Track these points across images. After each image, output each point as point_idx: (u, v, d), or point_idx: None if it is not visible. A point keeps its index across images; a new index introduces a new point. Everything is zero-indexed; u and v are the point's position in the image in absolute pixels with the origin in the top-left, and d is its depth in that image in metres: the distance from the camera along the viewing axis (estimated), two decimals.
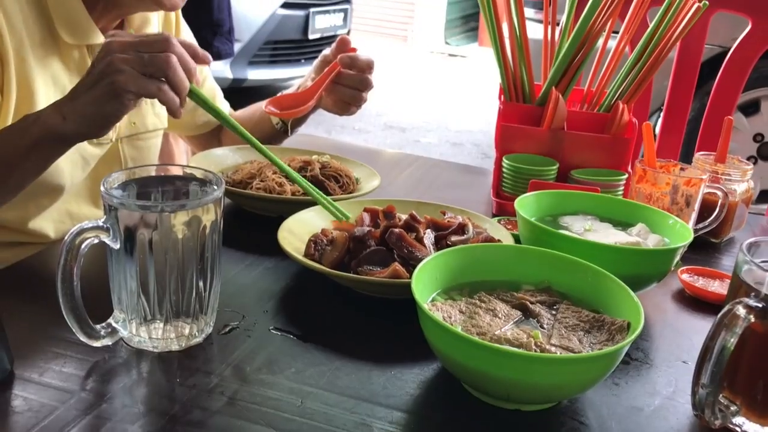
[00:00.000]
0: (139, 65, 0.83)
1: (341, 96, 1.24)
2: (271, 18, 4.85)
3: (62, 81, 1.07)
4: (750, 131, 3.31)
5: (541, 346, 0.68)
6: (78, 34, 1.06)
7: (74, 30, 1.05)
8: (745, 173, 1.19)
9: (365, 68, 1.22)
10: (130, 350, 0.75)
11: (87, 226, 0.69)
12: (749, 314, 0.63)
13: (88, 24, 1.06)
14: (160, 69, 0.84)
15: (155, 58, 0.83)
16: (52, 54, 1.05)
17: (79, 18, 1.05)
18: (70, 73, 1.08)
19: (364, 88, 1.24)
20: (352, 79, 1.22)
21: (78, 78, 1.08)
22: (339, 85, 1.22)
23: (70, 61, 1.08)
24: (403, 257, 0.87)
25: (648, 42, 1.25)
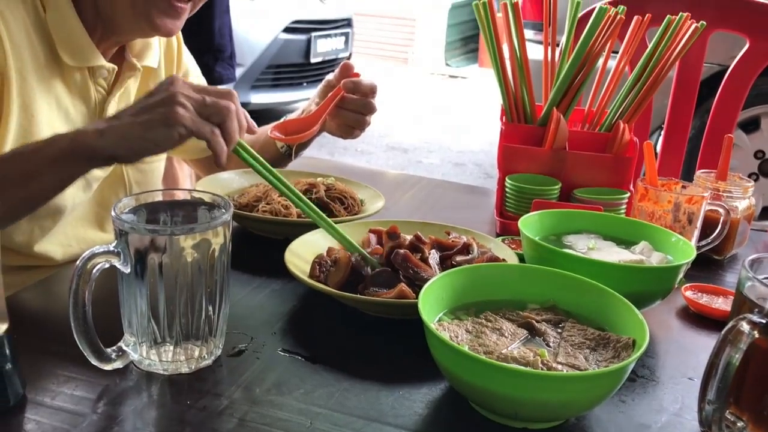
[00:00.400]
0: (200, 105, 0.85)
1: (345, 120, 1.26)
2: (273, 42, 4.90)
3: (64, 103, 1.09)
4: (751, 148, 3.33)
5: (548, 364, 0.69)
6: (79, 56, 1.08)
7: (75, 52, 1.08)
8: (747, 190, 1.20)
9: (368, 92, 1.25)
10: (140, 373, 0.76)
11: (98, 250, 0.70)
12: (753, 330, 0.64)
13: (89, 47, 1.09)
14: (218, 114, 0.85)
15: (216, 105, 0.85)
16: (55, 76, 1.07)
17: (80, 41, 1.08)
18: (72, 96, 1.10)
19: (368, 112, 1.26)
20: (355, 103, 1.24)
21: (80, 101, 1.11)
22: (343, 109, 1.24)
23: (71, 84, 1.10)
24: (408, 278, 0.88)
25: (647, 62, 1.27)
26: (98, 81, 1.13)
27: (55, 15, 1.06)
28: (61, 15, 1.06)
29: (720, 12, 1.80)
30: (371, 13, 9.27)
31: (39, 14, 1.05)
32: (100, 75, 1.13)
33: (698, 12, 1.48)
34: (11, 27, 1.00)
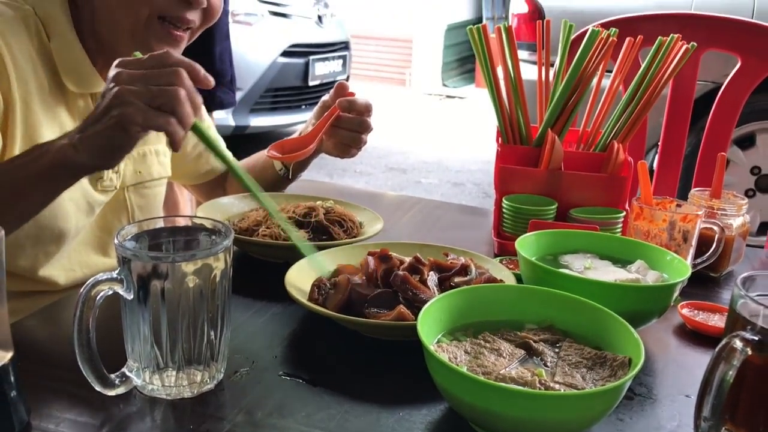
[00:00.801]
0: (147, 98, 0.83)
1: (341, 139, 1.28)
2: (271, 66, 4.95)
3: (68, 129, 1.10)
4: (747, 164, 3.35)
5: (546, 383, 0.70)
6: (82, 83, 1.11)
7: (79, 79, 1.10)
8: (741, 208, 1.22)
9: (363, 111, 1.27)
10: (143, 398, 0.77)
11: (102, 278, 0.71)
12: (746, 347, 0.65)
13: (92, 73, 1.11)
14: (168, 103, 0.84)
15: (164, 92, 0.84)
16: (59, 103, 1.10)
17: (84, 68, 1.10)
18: (76, 122, 1.12)
19: (364, 131, 1.28)
20: (351, 122, 1.26)
21: None
22: (339, 128, 1.26)
23: (75, 110, 1.12)
24: (407, 299, 0.89)
25: (640, 82, 1.29)
26: None
27: (59, 43, 1.08)
28: (64, 43, 1.09)
29: (711, 32, 1.83)
30: (368, 36, 9.35)
31: (43, 42, 1.08)
32: None
33: (689, 32, 1.51)
34: (16, 55, 1.02)
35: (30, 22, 1.06)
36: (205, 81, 0.89)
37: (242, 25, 4.89)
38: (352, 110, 1.26)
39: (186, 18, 1.09)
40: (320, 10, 5.47)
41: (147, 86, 0.84)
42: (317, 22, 5.43)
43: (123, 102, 0.84)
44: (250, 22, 4.99)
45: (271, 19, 5.12)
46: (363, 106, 1.27)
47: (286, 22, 5.26)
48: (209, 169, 1.45)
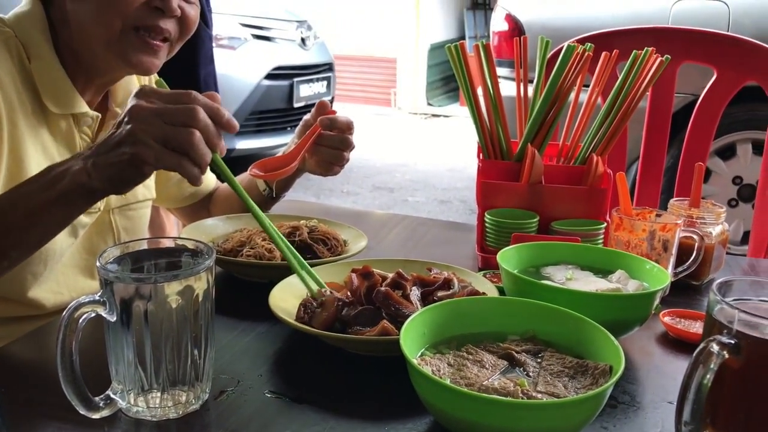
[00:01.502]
0: (161, 138, 0.83)
1: (324, 157, 1.28)
2: (256, 89, 4.98)
3: (51, 150, 1.12)
4: (729, 175, 3.39)
5: (528, 393, 0.70)
6: (63, 104, 1.11)
7: (59, 100, 1.11)
8: (719, 216, 1.24)
9: (345, 129, 1.28)
10: (128, 420, 0.77)
11: (84, 300, 0.72)
12: (722, 350, 0.66)
13: (73, 94, 1.12)
14: (181, 146, 0.83)
15: (178, 134, 0.83)
16: (41, 124, 1.10)
17: (64, 88, 1.11)
18: (58, 143, 1.13)
19: (345, 148, 1.28)
20: (332, 139, 1.27)
21: (65, 148, 1.14)
22: (321, 146, 1.27)
23: (57, 131, 1.13)
24: (390, 315, 0.89)
25: (617, 95, 1.31)
26: (83, 129, 1.16)
27: (39, 65, 1.09)
28: (45, 65, 1.10)
29: (686, 44, 1.86)
30: (352, 57, 9.41)
31: (24, 64, 1.09)
32: (84, 123, 1.16)
33: (665, 45, 1.54)
34: (0, 76, 1.03)
35: (11, 45, 1.08)
36: (228, 126, 0.88)
37: (226, 49, 4.92)
38: (334, 128, 1.27)
39: (160, 27, 1.10)
40: (303, 33, 5.51)
41: (162, 125, 0.83)
42: (300, 45, 5.47)
43: (136, 141, 0.83)
44: (234, 46, 5.02)
45: (254, 42, 5.16)
46: (344, 124, 1.28)
47: (270, 45, 5.30)
48: (193, 192, 1.45)
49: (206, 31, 2.44)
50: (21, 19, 1.11)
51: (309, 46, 5.55)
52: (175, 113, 0.84)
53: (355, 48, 9.46)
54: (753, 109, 3.04)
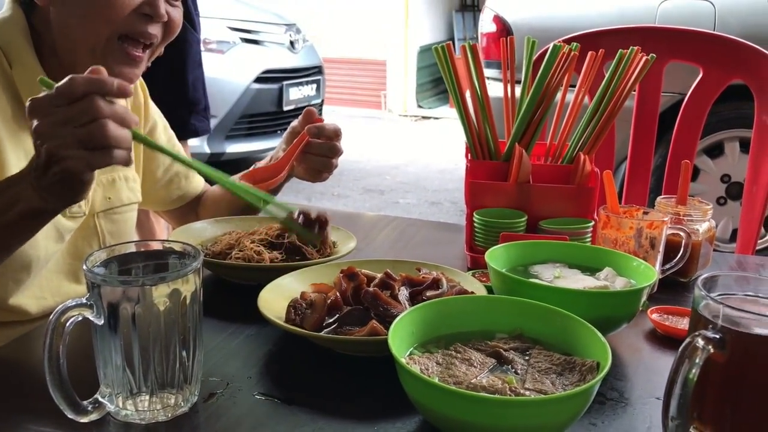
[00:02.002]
0: (79, 144, 0.82)
1: (312, 164, 1.29)
2: (245, 93, 4.97)
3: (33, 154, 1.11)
4: (717, 173, 3.41)
5: (516, 390, 0.71)
6: None
7: None
8: (706, 213, 1.24)
9: (332, 136, 1.28)
10: (117, 424, 0.76)
11: (71, 304, 0.72)
12: (707, 345, 0.66)
13: None
14: (101, 142, 0.82)
15: (92, 134, 0.81)
16: (23, 128, 1.10)
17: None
18: None
19: (333, 155, 1.29)
20: (320, 147, 1.27)
21: None
22: (309, 154, 1.27)
23: None
24: (379, 315, 0.90)
25: (603, 94, 1.32)
26: None
27: (21, 71, 1.09)
28: (26, 70, 1.09)
29: (672, 44, 1.87)
30: (342, 59, 9.42)
31: (5, 70, 1.09)
32: None
33: (651, 45, 1.55)
34: None
35: None
36: (120, 92, 0.84)
37: (215, 53, 4.91)
38: (321, 136, 1.27)
39: (148, 33, 1.10)
40: (292, 36, 5.51)
41: (72, 131, 0.82)
42: (289, 48, 5.47)
43: (59, 158, 0.83)
44: (223, 50, 5.02)
45: (243, 46, 5.15)
46: (332, 132, 1.28)
47: (259, 48, 5.30)
48: (181, 195, 1.45)
49: (194, 35, 2.44)
50: (1, 24, 1.11)
51: (298, 49, 5.55)
52: (77, 115, 0.82)
53: (344, 51, 9.46)
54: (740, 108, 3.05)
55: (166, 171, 1.41)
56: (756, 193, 1.83)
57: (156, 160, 1.39)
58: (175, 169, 1.42)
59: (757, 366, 0.68)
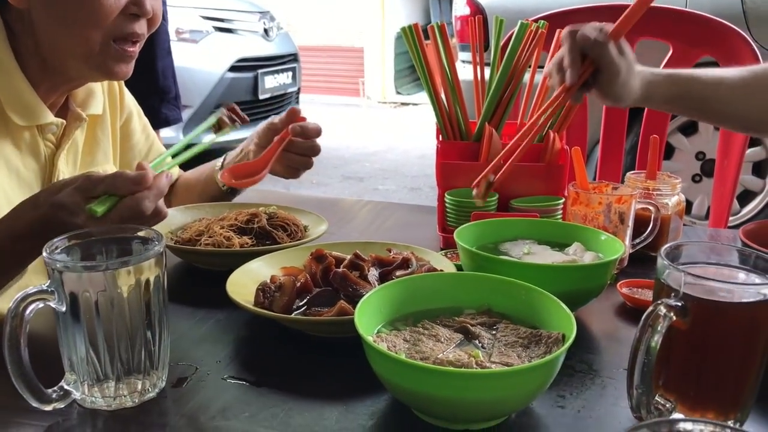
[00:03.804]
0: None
1: (293, 163, 1.30)
2: (220, 82, 4.93)
3: (15, 163, 1.09)
4: (692, 150, 3.43)
5: (482, 364, 0.71)
6: (28, 116, 1.08)
7: (25, 112, 1.08)
8: (675, 187, 1.25)
9: (314, 135, 1.29)
10: (84, 411, 0.76)
11: (31, 291, 0.71)
12: (669, 312, 0.67)
13: (38, 105, 1.09)
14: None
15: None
16: (4, 136, 1.07)
17: (29, 100, 1.08)
18: (22, 155, 1.10)
19: (313, 154, 1.30)
20: (302, 146, 1.28)
21: (30, 158, 1.11)
22: (290, 152, 1.28)
23: (21, 143, 1.10)
24: (348, 296, 0.89)
25: None
26: (47, 136, 1.14)
27: (1, 79, 1.06)
28: (7, 77, 1.06)
29: (641, 21, 1.86)
30: (319, 47, 9.37)
31: None
32: (49, 131, 1.13)
33: None
34: None
35: None
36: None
37: (188, 43, 4.87)
38: (304, 135, 1.28)
39: (137, 32, 1.09)
40: (266, 24, 5.47)
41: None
42: (264, 36, 5.42)
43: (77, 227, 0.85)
44: (196, 39, 4.97)
45: (216, 35, 5.10)
46: (314, 131, 1.29)
47: (232, 37, 5.25)
48: None
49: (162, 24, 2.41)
50: None
51: (272, 37, 5.51)
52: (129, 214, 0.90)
53: (320, 38, 9.42)
54: None
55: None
56: (727, 167, 1.85)
57: (132, 152, 1.38)
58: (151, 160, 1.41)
59: (719, 333, 0.69)
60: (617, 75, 1.05)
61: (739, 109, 1.20)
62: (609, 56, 1.03)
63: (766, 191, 3.42)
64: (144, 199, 0.91)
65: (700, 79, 1.18)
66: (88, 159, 1.25)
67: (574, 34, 1.04)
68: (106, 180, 0.89)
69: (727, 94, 1.18)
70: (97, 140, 1.26)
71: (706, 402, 0.71)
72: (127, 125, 1.36)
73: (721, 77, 1.19)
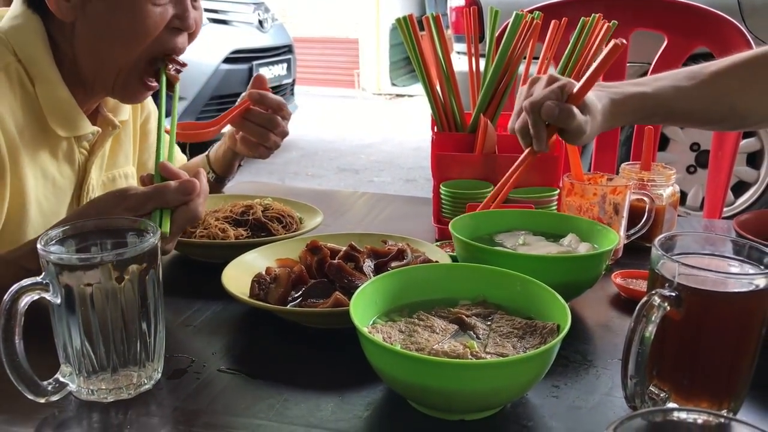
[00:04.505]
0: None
1: (249, 132, 1.26)
2: (215, 73, 4.91)
3: (51, 172, 1.09)
4: (686, 142, 3.44)
5: (477, 354, 0.71)
6: (71, 126, 1.08)
7: (67, 124, 1.08)
8: (669, 178, 1.25)
9: (275, 108, 1.25)
10: (79, 402, 0.76)
11: (25, 283, 0.70)
12: (664, 303, 0.67)
13: (79, 116, 1.09)
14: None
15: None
16: (43, 146, 1.07)
17: (72, 112, 1.08)
18: (59, 163, 1.10)
19: (273, 128, 1.25)
20: (260, 116, 1.24)
21: (66, 166, 1.11)
22: (247, 121, 1.24)
23: (59, 151, 1.10)
24: (344, 287, 0.89)
25: (566, 63, 1.32)
26: (82, 144, 1.14)
27: (44, 89, 1.05)
28: (51, 88, 1.05)
29: (636, 12, 1.88)
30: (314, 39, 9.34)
31: (27, 89, 1.04)
32: (85, 139, 1.13)
33: (615, 13, 1.54)
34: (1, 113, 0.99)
35: (11, 71, 1.02)
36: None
37: None
38: (263, 104, 1.24)
39: (178, 48, 1.07)
40: (261, 15, 5.45)
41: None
42: (258, 27, 5.40)
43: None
44: None
45: (211, 26, 5.08)
46: (274, 102, 1.25)
47: (227, 28, 5.23)
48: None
49: None
50: (19, 32, 1.04)
51: (267, 28, 5.48)
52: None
53: (315, 30, 9.39)
54: None
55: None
56: (721, 158, 1.85)
57: (147, 151, 1.37)
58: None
59: (713, 322, 0.69)
60: (583, 133, 1.06)
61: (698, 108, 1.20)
62: (574, 122, 1.04)
63: (760, 182, 3.43)
64: (198, 206, 0.91)
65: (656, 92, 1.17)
66: (111, 162, 1.25)
67: (537, 107, 1.04)
68: (154, 196, 0.88)
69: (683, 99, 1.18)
70: (121, 143, 1.26)
71: (700, 391, 0.72)
72: (145, 125, 1.35)
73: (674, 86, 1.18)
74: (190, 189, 0.89)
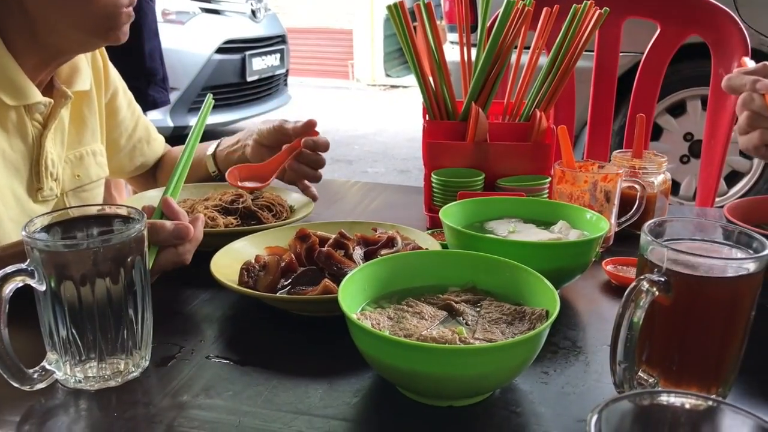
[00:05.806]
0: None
1: (302, 174, 1.32)
2: (207, 64, 4.89)
3: (1, 144, 1.07)
4: (680, 131, 3.44)
5: (465, 340, 0.71)
6: (18, 95, 1.07)
7: (13, 92, 1.06)
8: (661, 165, 1.25)
9: (324, 150, 1.32)
10: (66, 391, 0.75)
11: (10, 270, 0.70)
12: (652, 288, 0.67)
13: (26, 84, 1.07)
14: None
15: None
16: None
17: (17, 79, 1.06)
18: (9, 135, 1.08)
19: (318, 167, 1.33)
20: (309, 158, 1.31)
21: (18, 139, 1.09)
22: (299, 162, 1.31)
23: (8, 123, 1.08)
24: (333, 274, 0.89)
25: (558, 51, 1.31)
26: (34, 116, 1.12)
27: None
28: None
29: (629, 0, 1.87)
30: (308, 29, 9.30)
31: None
32: (36, 110, 1.11)
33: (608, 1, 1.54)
34: None
35: None
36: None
37: (175, 24, 4.82)
38: (315, 149, 1.31)
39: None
40: (253, 5, 5.42)
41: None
42: (251, 17, 5.38)
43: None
44: (183, 20, 4.92)
45: (203, 16, 5.06)
46: (324, 146, 1.32)
47: (219, 18, 5.21)
48: (144, 161, 1.45)
49: (149, 5, 2.38)
50: None
51: (260, 18, 5.46)
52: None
53: (309, 20, 9.35)
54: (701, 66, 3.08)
55: (129, 138, 1.39)
56: (714, 146, 1.85)
57: (119, 128, 1.37)
58: (138, 136, 1.41)
59: (702, 307, 0.69)
60: None
61: None
62: None
63: (753, 172, 3.43)
64: (185, 252, 0.92)
65: None
66: (76, 138, 1.23)
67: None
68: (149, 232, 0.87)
69: None
70: (84, 118, 1.25)
71: (689, 376, 0.72)
72: (113, 102, 1.35)
73: None
74: (183, 234, 0.91)
